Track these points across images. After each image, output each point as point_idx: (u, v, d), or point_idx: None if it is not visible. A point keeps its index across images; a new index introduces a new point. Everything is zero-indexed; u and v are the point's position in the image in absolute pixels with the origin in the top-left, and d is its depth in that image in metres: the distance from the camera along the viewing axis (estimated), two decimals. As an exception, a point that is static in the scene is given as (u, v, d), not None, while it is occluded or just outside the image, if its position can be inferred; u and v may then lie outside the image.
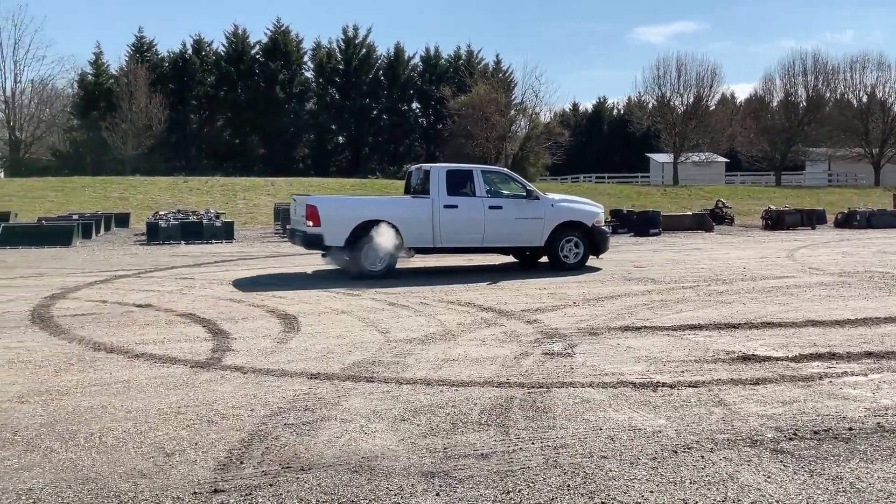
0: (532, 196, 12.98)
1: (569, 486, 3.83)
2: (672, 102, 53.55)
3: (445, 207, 12.44)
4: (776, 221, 26.58)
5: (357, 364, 6.31)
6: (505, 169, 14.58)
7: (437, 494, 3.72)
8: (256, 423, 4.76)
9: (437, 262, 14.54)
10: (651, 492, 3.76)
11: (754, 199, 36.88)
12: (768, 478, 3.94)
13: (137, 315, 8.72)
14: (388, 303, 9.62)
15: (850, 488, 3.83)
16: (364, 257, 11.91)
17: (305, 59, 67.90)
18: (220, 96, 63.82)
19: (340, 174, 55.65)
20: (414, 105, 70.88)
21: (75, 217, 22.13)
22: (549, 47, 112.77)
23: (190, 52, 64.00)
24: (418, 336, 7.50)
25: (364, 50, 67.98)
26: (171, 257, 16.06)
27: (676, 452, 4.28)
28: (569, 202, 13.63)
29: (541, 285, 11.29)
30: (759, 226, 27.34)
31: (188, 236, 20.12)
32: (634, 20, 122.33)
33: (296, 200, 13.09)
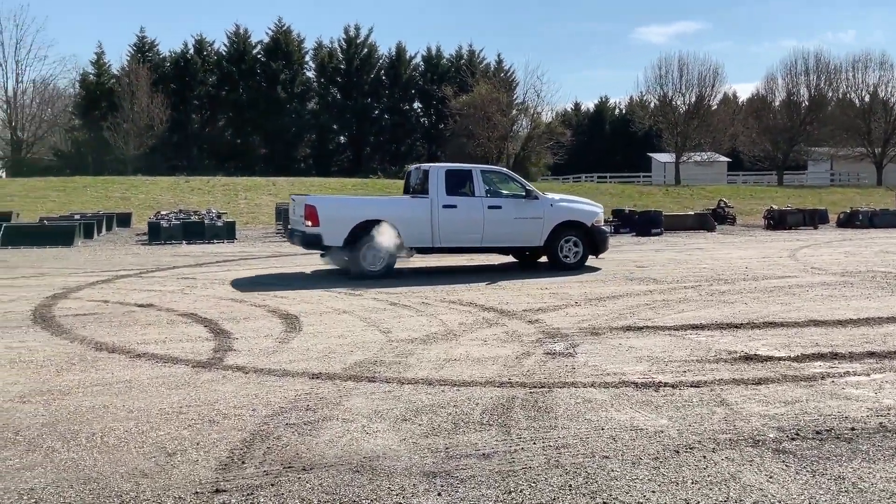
0: (531, 196, 12.96)
1: (570, 486, 3.82)
2: (674, 102, 53.53)
3: (444, 207, 12.43)
4: (778, 221, 26.56)
5: (359, 364, 6.31)
6: (504, 168, 14.57)
7: (439, 494, 3.71)
8: (258, 422, 4.76)
9: (439, 261, 14.53)
10: (653, 492, 3.76)
11: (756, 198, 36.85)
12: (770, 478, 3.93)
13: (139, 315, 8.73)
14: (389, 303, 9.62)
15: (853, 488, 3.82)
16: (363, 257, 11.91)
17: (307, 58, 67.97)
18: (221, 96, 63.87)
19: (342, 174, 55.66)
20: (416, 105, 70.91)
21: (77, 217, 22.14)
22: (551, 47, 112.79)
23: (191, 51, 64.08)
24: (420, 336, 7.50)
25: (365, 50, 67.99)
26: (173, 257, 16.07)
27: (678, 452, 4.27)
28: (568, 202, 13.61)
29: (542, 285, 11.29)
30: (762, 225, 27.31)
31: (190, 236, 20.13)
32: (636, 20, 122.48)
33: (294, 200, 13.08)
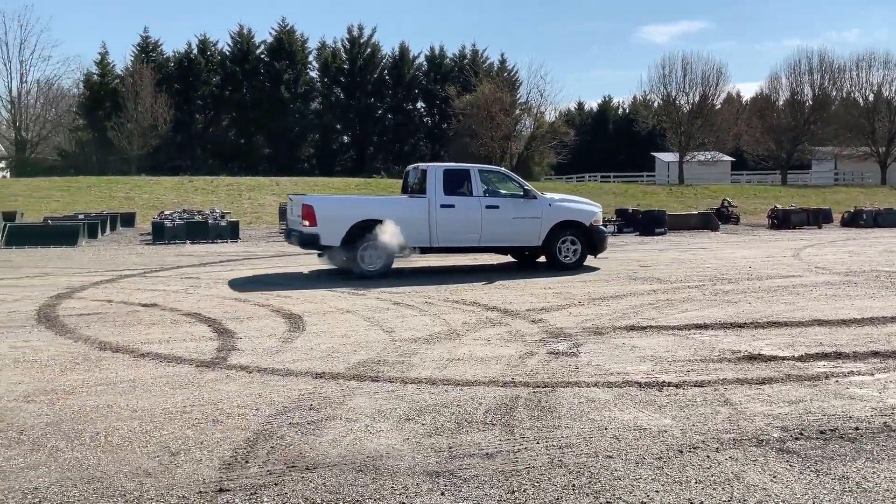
0: (529, 195, 12.94)
1: (574, 485, 3.82)
2: (678, 101, 53.41)
3: (442, 207, 12.40)
4: (782, 220, 26.51)
5: (362, 363, 6.32)
6: (502, 168, 14.56)
7: (442, 494, 3.71)
8: (262, 422, 4.77)
9: (441, 261, 14.53)
10: (656, 491, 3.75)
11: (760, 198, 36.78)
12: (774, 477, 3.93)
13: (143, 314, 8.74)
14: (392, 302, 9.63)
15: (857, 488, 3.81)
16: (360, 257, 11.90)
17: (310, 58, 67.94)
18: (225, 96, 63.90)
19: (345, 174, 55.62)
20: (419, 104, 70.84)
21: (81, 217, 22.16)
22: (554, 47, 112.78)
23: (195, 51, 64.10)
24: (423, 335, 7.50)
25: (369, 49, 67.96)
26: (177, 257, 16.08)
27: (682, 452, 4.27)
28: (566, 201, 13.57)
29: (546, 284, 11.28)
30: (765, 225, 27.25)
31: (193, 236, 20.15)
32: (639, 20, 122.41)
33: (292, 200, 13.07)
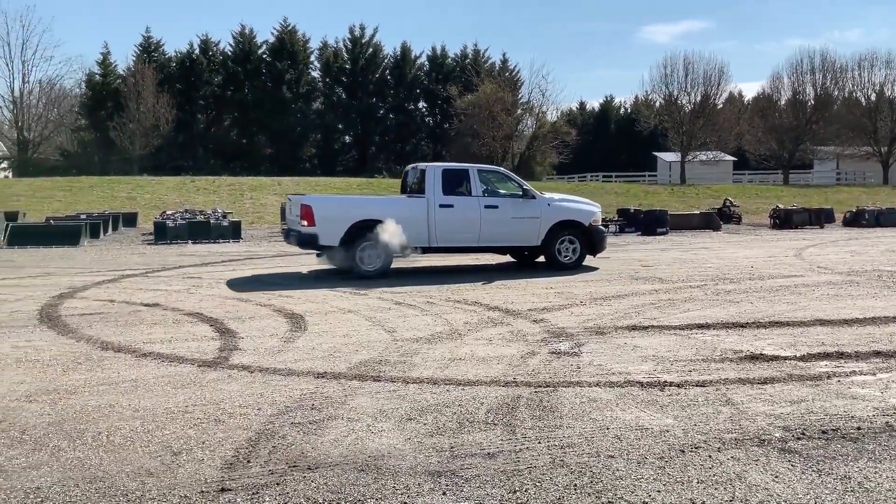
0: (528, 195, 12.92)
1: (576, 485, 3.82)
2: (679, 101, 53.37)
3: (441, 207, 12.39)
4: (784, 220, 26.47)
5: (364, 363, 6.32)
6: (501, 168, 14.55)
7: (444, 493, 3.72)
8: (263, 421, 4.77)
9: (443, 261, 14.53)
10: (658, 491, 3.75)
11: (762, 197, 36.74)
12: (776, 477, 3.92)
13: (145, 314, 8.75)
14: (394, 302, 9.63)
15: (859, 488, 3.81)
16: (359, 257, 11.89)
17: (312, 58, 67.93)
18: (227, 96, 63.91)
19: (347, 174, 55.63)
20: (420, 104, 70.80)
21: (83, 217, 22.16)
22: (556, 46, 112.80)
23: (197, 52, 64.11)
24: (425, 335, 7.50)
25: (371, 49, 67.94)
26: (179, 257, 16.09)
27: (684, 452, 4.27)
28: (565, 201, 13.55)
29: (547, 284, 11.28)
30: (767, 225, 27.22)
31: (195, 236, 20.16)
32: (641, 19, 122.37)
33: (291, 200, 13.07)
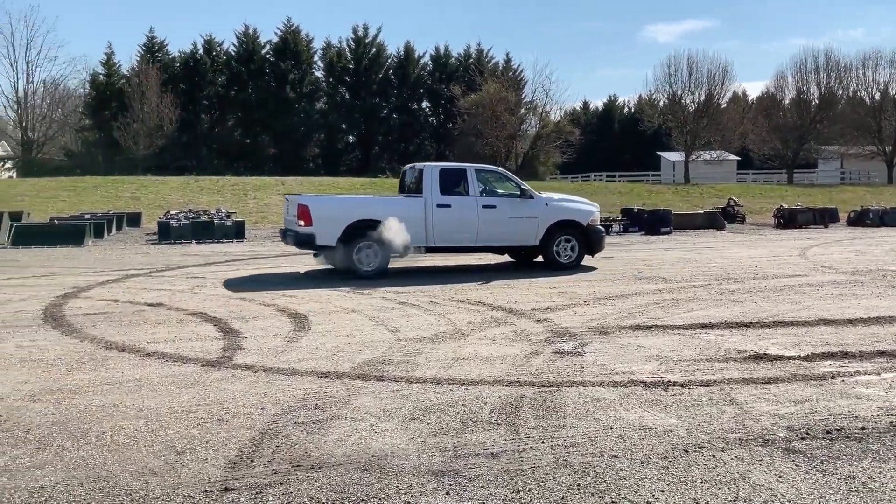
0: (526, 195, 12.90)
1: (579, 485, 3.82)
2: (683, 100, 53.19)
3: (438, 207, 12.38)
4: (788, 220, 26.43)
5: (367, 363, 6.32)
6: (499, 168, 14.54)
7: (447, 493, 3.71)
8: (267, 421, 4.78)
9: (446, 261, 14.53)
10: (662, 491, 3.75)
11: (766, 197, 36.67)
12: (780, 477, 3.92)
13: (149, 314, 8.76)
14: (397, 302, 9.63)
15: (863, 488, 3.80)
16: (357, 257, 11.89)
17: (316, 58, 67.91)
18: (230, 96, 63.98)
19: (351, 173, 55.61)
20: (424, 104, 70.76)
21: (87, 217, 22.21)
22: (559, 46, 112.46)
23: (201, 52, 64.16)
24: (428, 335, 7.50)
25: (374, 49, 67.95)
26: (183, 256, 16.12)
27: (687, 452, 4.26)
28: (564, 201, 13.52)
29: (551, 284, 11.27)
30: (771, 224, 27.18)
31: (199, 235, 20.19)
32: (644, 19, 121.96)
33: (288, 200, 13.10)
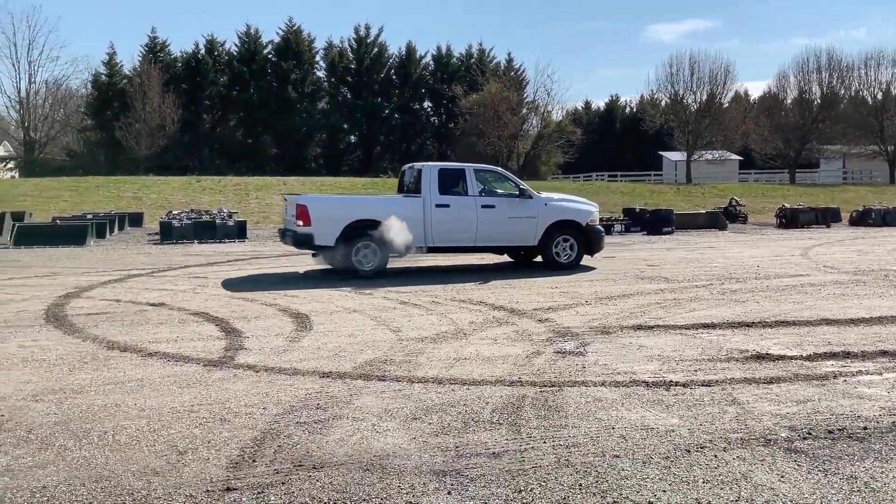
0: (525, 195, 12.88)
1: (581, 485, 3.82)
2: (685, 100, 53.15)
3: (437, 207, 12.38)
4: (790, 219, 26.41)
5: (369, 363, 6.32)
6: (498, 168, 14.52)
7: (449, 493, 3.71)
8: (269, 421, 4.78)
9: (448, 260, 14.53)
10: (664, 491, 3.75)
11: (768, 197, 36.63)
12: (782, 477, 3.91)
13: (151, 314, 8.77)
14: (399, 301, 9.63)
15: (865, 488, 3.80)
16: (355, 257, 11.89)
17: (317, 58, 67.92)
18: (232, 96, 64.01)
19: (352, 173, 55.60)
20: (426, 104, 70.76)
21: (89, 217, 22.21)
22: (561, 46, 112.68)
23: (202, 52, 64.20)
24: (430, 335, 7.50)
25: (376, 49, 67.96)
26: (185, 256, 16.13)
27: (689, 452, 4.26)
28: (562, 201, 13.50)
29: (552, 284, 11.27)
30: (774, 224, 27.15)
31: (201, 235, 20.21)
32: (646, 18, 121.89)
33: (287, 200, 13.10)
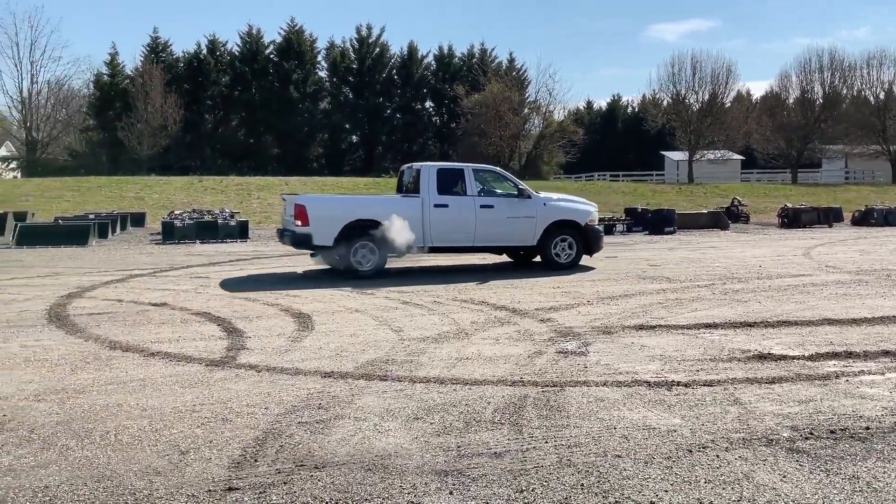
0: (524, 195, 12.87)
1: (583, 485, 3.81)
2: (687, 100, 53.18)
3: (436, 207, 12.37)
4: (792, 219, 26.39)
5: (371, 363, 6.32)
6: (497, 168, 14.51)
7: (451, 493, 3.71)
8: (271, 421, 4.78)
9: (450, 260, 14.53)
10: (665, 491, 3.74)
11: (770, 196, 36.61)
12: (784, 477, 3.91)
13: (153, 314, 8.78)
14: (401, 301, 9.63)
15: (867, 488, 3.79)
16: (354, 257, 11.88)
17: (319, 58, 68.02)
18: (234, 96, 64.09)
19: (354, 173, 55.64)
20: (427, 104, 70.83)
21: (91, 217, 22.24)
22: (563, 45, 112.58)
23: (205, 52, 64.29)
24: (432, 335, 7.50)
25: (377, 49, 68.00)
26: (187, 256, 16.14)
27: (691, 452, 4.26)
28: (561, 201, 13.48)
29: (554, 283, 11.27)
30: (776, 224, 27.13)
31: (203, 235, 20.22)
32: (649, 18, 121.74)
33: (286, 200, 13.11)
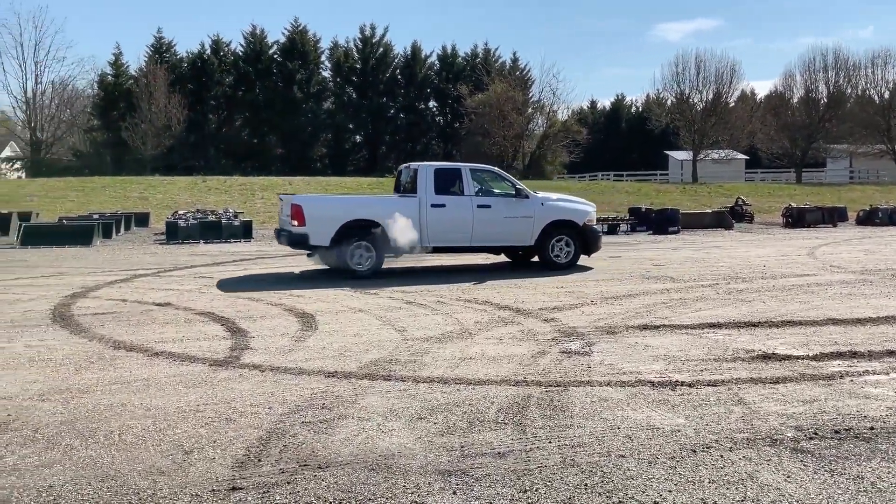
0: (522, 195, 12.84)
1: (586, 485, 3.81)
2: (691, 99, 53.03)
3: (433, 207, 12.34)
4: (797, 219, 26.33)
5: (374, 362, 6.33)
6: (495, 167, 14.50)
7: (454, 493, 3.71)
8: (274, 421, 4.79)
9: (452, 260, 14.52)
10: (669, 491, 3.74)
11: (774, 196, 36.54)
12: (788, 477, 3.90)
13: (157, 314, 8.79)
14: (405, 301, 9.63)
15: (872, 488, 3.78)
16: (351, 257, 11.88)
17: (323, 58, 68.00)
18: (238, 96, 64.12)
19: (358, 173, 55.62)
20: (431, 104, 70.74)
21: (96, 217, 22.27)
22: (567, 45, 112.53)
23: (208, 52, 64.35)
24: (435, 334, 7.50)
25: (381, 49, 67.98)
26: (191, 256, 16.16)
27: (695, 452, 4.25)
28: (559, 201, 13.45)
29: (558, 283, 11.26)
30: (780, 223, 27.08)
31: (207, 235, 20.24)
32: (653, 17, 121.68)
33: (282, 200, 13.10)
